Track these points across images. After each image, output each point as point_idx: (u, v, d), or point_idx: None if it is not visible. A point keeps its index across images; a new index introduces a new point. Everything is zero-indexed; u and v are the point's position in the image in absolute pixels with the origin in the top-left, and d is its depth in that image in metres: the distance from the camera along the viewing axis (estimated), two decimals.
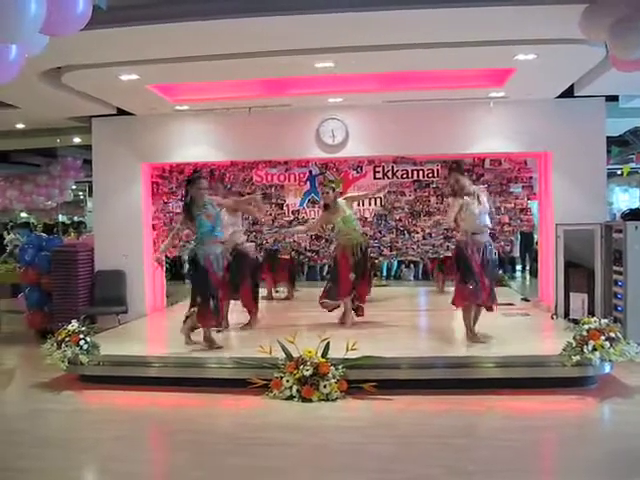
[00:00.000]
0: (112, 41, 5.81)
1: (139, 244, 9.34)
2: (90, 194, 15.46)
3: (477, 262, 6.67)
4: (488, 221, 6.82)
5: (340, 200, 8.09)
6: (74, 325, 6.64)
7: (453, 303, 6.89)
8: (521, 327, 7.70)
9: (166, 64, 6.60)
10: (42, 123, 10.16)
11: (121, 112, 9.02)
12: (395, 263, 15.65)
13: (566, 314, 8.25)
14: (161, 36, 5.77)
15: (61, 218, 18.29)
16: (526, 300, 9.95)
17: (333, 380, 5.84)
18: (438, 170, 9.37)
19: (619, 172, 17.32)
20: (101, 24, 4.77)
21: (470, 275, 6.67)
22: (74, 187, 15.85)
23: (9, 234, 15.23)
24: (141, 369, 6.47)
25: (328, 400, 5.78)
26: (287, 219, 9.66)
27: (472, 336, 6.81)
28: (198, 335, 6.89)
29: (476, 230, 6.72)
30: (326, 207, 8.09)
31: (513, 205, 9.27)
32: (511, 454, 4.59)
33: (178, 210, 9.57)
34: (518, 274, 17.11)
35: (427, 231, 9.51)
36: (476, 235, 6.71)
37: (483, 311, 6.94)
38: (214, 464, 4.57)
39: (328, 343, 6.08)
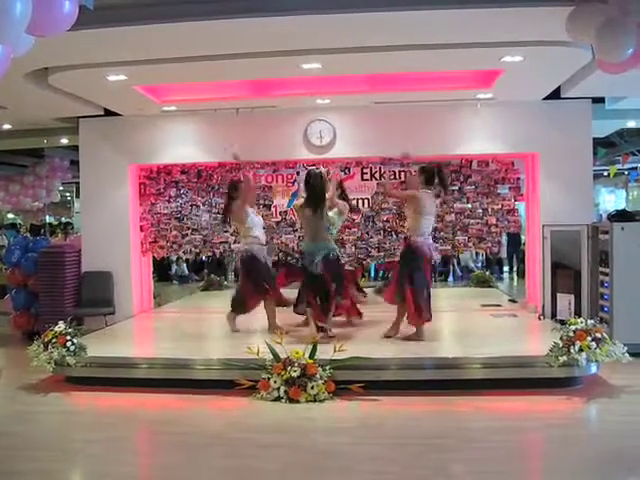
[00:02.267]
0: (99, 42, 5.78)
1: (126, 245, 9.30)
2: (77, 195, 15.37)
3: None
4: None
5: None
6: (61, 326, 6.61)
7: None
8: (508, 328, 7.72)
9: (154, 65, 6.58)
10: (29, 124, 10.12)
11: (108, 113, 8.98)
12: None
13: (553, 315, 8.30)
14: (149, 37, 5.76)
15: (48, 219, 18.21)
16: (513, 301, 10.00)
17: (320, 381, 5.83)
18: None
19: (605, 173, 17.49)
20: (88, 24, 4.73)
21: None
22: (61, 188, 15.76)
23: None
24: (128, 370, 6.45)
25: (316, 401, 5.77)
26: (275, 220, 9.64)
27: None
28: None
29: None
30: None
31: (500, 206, 9.29)
32: (500, 455, 4.60)
33: (165, 211, 9.58)
34: (505, 275, 17.18)
35: None
36: None
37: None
38: (204, 465, 4.56)
39: (315, 344, 6.09)
